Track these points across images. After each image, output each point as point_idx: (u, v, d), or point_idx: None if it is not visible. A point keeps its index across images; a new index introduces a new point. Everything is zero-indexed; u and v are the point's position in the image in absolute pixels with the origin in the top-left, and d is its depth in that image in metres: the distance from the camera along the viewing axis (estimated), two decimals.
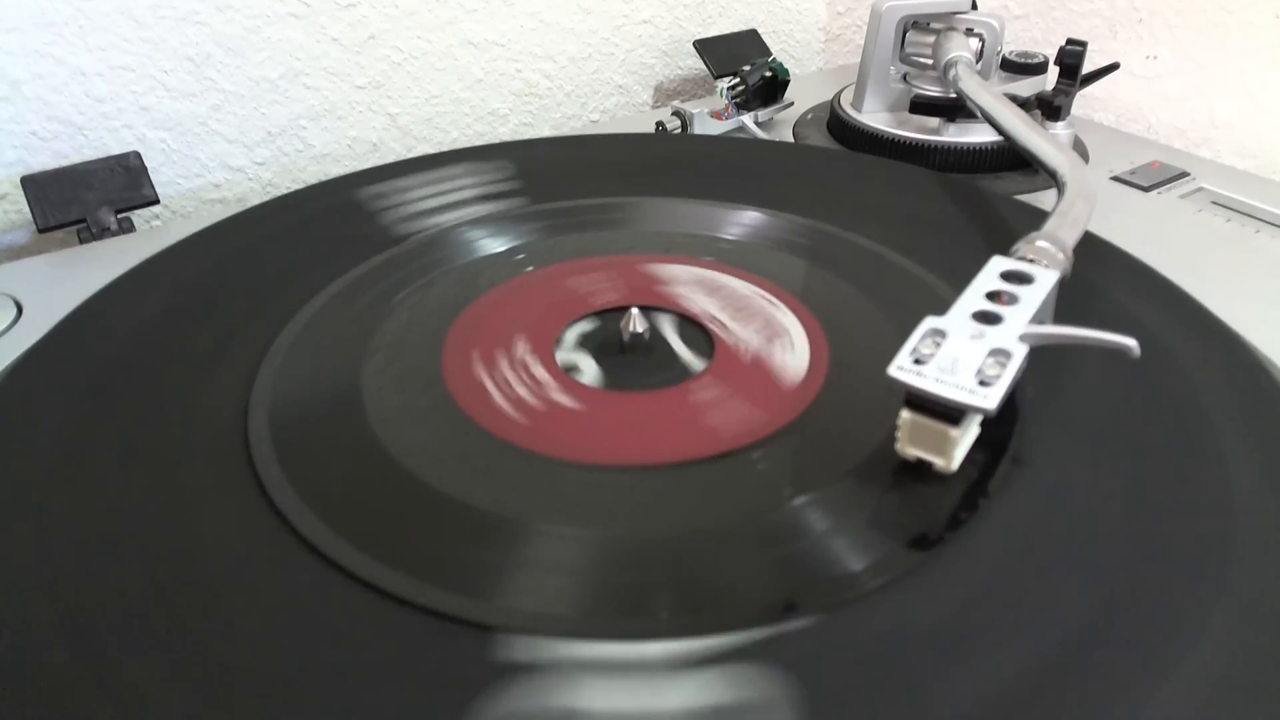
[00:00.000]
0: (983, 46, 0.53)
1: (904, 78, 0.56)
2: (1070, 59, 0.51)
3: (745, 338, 0.35)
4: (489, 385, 0.33)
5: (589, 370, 0.34)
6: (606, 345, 0.35)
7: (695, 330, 0.36)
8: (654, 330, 0.36)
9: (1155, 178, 0.52)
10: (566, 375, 0.33)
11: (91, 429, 0.30)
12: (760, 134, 0.58)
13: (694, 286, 0.38)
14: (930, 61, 0.54)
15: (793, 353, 0.34)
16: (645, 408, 0.32)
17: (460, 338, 0.35)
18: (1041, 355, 0.29)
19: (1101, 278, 0.38)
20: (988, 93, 0.47)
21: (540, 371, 0.33)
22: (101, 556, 0.26)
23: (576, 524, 0.27)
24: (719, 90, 0.59)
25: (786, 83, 0.61)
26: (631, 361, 0.34)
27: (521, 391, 0.32)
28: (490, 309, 0.37)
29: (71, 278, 0.42)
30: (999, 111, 0.46)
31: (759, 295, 0.38)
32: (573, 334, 0.36)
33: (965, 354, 0.27)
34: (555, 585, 0.25)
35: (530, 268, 0.40)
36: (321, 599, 0.24)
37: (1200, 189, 0.51)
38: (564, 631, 0.24)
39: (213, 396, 0.32)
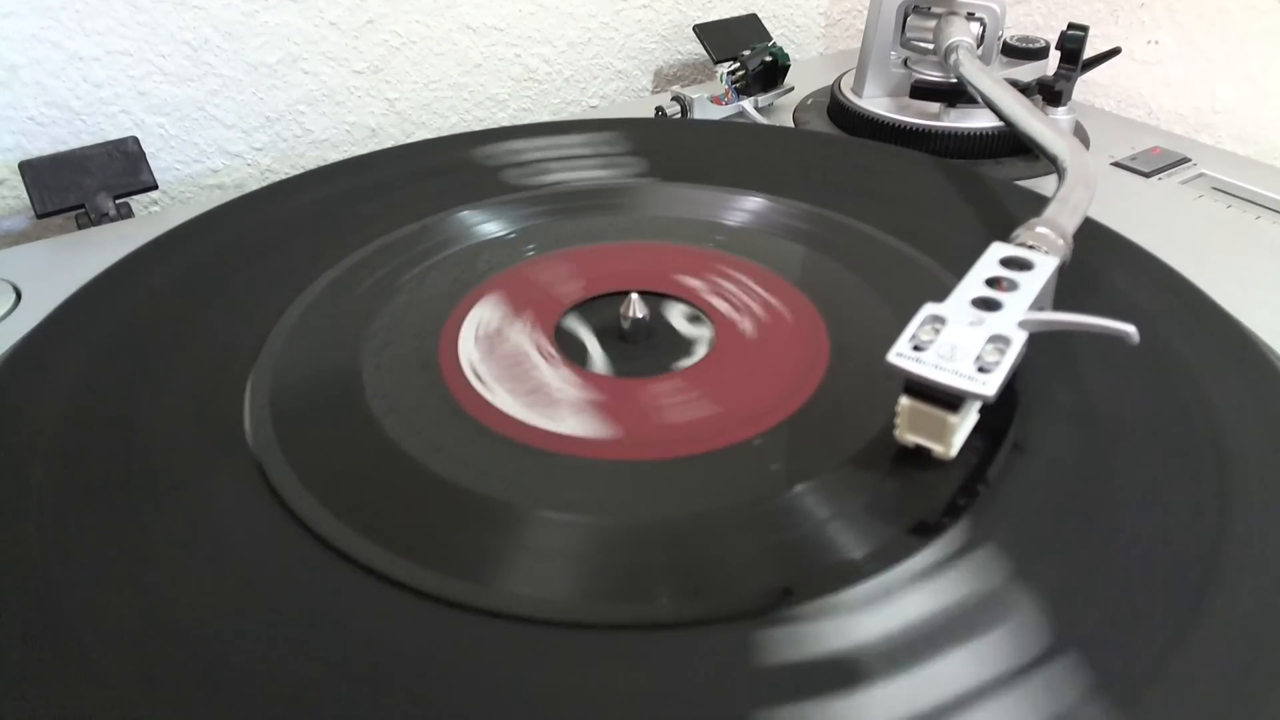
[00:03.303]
0: (984, 31, 0.52)
1: (905, 63, 0.56)
2: (1071, 44, 0.51)
3: (746, 324, 0.35)
4: (489, 371, 0.33)
5: (589, 356, 0.34)
6: (607, 330, 0.35)
7: (696, 315, 0.36)
8: (655, 315, 0.35)
9: (1156, 163, 0.52)
10: (566, 360, 0.33)
11: (90, 413, 0.30)
12: (760, 119, 0.58)
13: (695, 272, 0.38)
14: (931, 46, 0.54)
15: (793, 339, 0.34)
16: (646, 394, 0.32)
17: (459, 323, 0.35)
18: (1041, 341, 0.29)
19: (1102, 264, 0.38)
20: (988, 78, 0.47)
21: (539, 357, 0.33)
22: (99, 543, 0.26)
23: (576, 510, 0.27)
24: (719, 75, 0.59)
25: (787, 68, 0.61)
26: (632, 347, 0.34)
27: (520, 376, 0.32)
28: (489, 295, 0.37)
29: (70, 263, 0.42)
30: (1000, 97, 0.45)
31: (758, 280, 0.38)
32: (573, 319, 0.36)
33: (964, 340, 0.27)
34: (553, 570, 0.25)
35: (531, 252, 0.40)
36: (322, 583, 0.25)
37: (1201, 175, 0.51)
38: (561, 617, 0.24)
39: (211, 381, 0.32)
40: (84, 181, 0.48)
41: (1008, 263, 0.31)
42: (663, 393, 0.32)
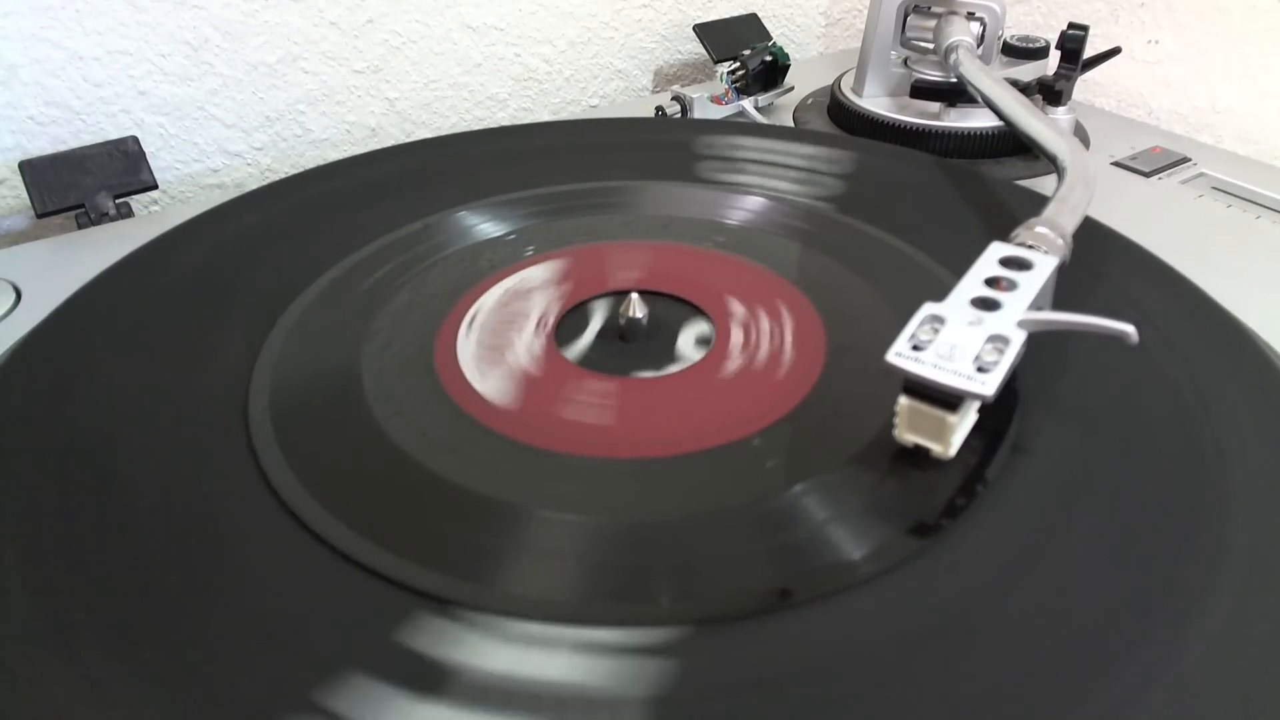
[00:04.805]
0: (984, 31, 0.52)
1: (905, 62, 0.56)
2: (1072, 44, 0.51)
3: (745, 324, 0.35)
4: (488, 370, 0.33)
5: (588, 355, 0.34)
6: (606, 330, 0.35)
7: (696, 315, 0.36)
8: (653, 315, 0.35)
9: (1156, 163, 0.52)
10: (565, 360, 0.33)
11: (90, 413, 0.30)
12: (760, 119, 0.58)
13: (694, 272, 0.38)
14: (931, 46, 0.54)
15: (793, 338, 0.34)
16: (645, 393, 0.32)
17: (459, 323, 0.35)
18: (1040, 341, 0.29)
19: (1101, 263, 0.38)
20: (988, 77, 0.47)
21: (539, 356, 0.33)
22: (100, 541, 0.26)
23: (574, 510, 0.27)
24: (719, 75, 0.59)
25: (787, 67, 0.61)
26: (631, 347, 0.34)
27: (520, 375, 0.32)
28: (490, 294, 0.37)
29: (70, 263, 0.42)
30: (1000, 96, 0.45)
31: (757, 280, 0.38)
32: (572, 319, 0.36)
33: (963, 340, 0.27)
34: (552, 570, 0.25)
35: (529, 252, 0.40)
36: (320, 581, 0.25)
37: (1201, 174, 0.51)
38: (560, 617, 0.24)
39: (211, 381, 0.32)
40: (84, 181, 0.48)
41: (1007, 262, 0.31)
42: (662, 393, 0.32)
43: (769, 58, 0.59)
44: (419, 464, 0.29)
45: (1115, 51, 0.53)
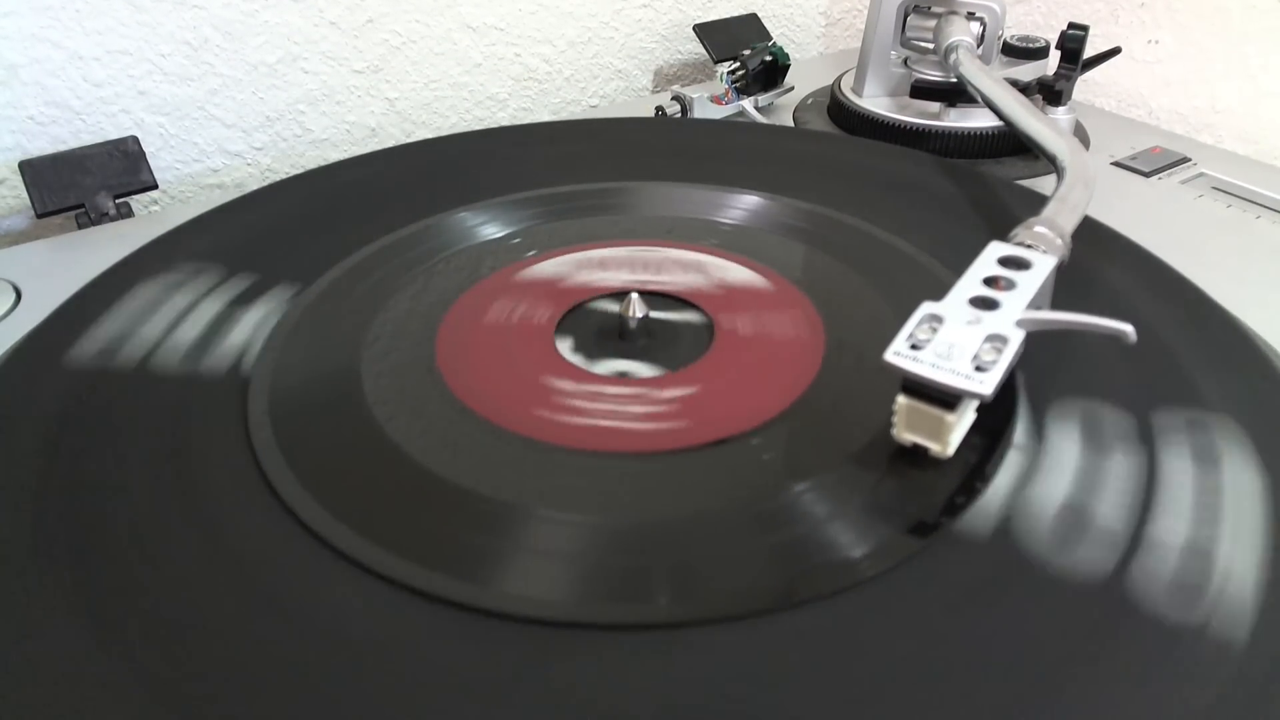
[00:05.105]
0: (984, 31, 0.52)
1: (905, 62, 0.56)
2: (1072, 43, 0.51)
3: (744, 322, 0.35)
4: (488, 370, 0.33)
5: (588, 355, 0.34)
6: (605, 330, 0.35)
7: (695, 315, 0.36)
8: (653, 315, 0.35)
9: (1156, 163, 0.52)
10: (565, 360, 0.33)
11: (90, 414, 0.30)
12: (760, 118, 0.58)
13: (694, 271, 0.38)
14: (931, 46, 0.54)
15: (792, 337, 0.34)
16: (644, 393, 0.32)
17: (459, 323, 0.35)
18: (1039, 341, 0.29)
19: (1101, 263, 0.38)
20: (988, 77, 0.47)
21: (539, 357, 0.33)
22: (100, 541, 0.26)
23: (574, 509, 0.27)
24: (719, 75, 0.59)
25: (787, 67, 0.61)
26: (630, 346, 0.34)
27: (520, 377, 0.32)
28: (490, 294, 0.37)
29: (70, 263, 0.42)
30: (999, 96, 0.45)
31: (758, 279, 0.38)
32: (572, 319, 0.36)
33: (962, 339, 0.27)
34: (552, 570, 0.25)
35: (530, 253, 0.40)
36: (321, 584, 0.25)
37: (1201, 174, 0.51)
38: (559, 617, 0.24)
39: (211, 381, 0.32)
40: (84, 181, 0.48)
41: (1006, 262, 0.31)
42: (661, 392, 0.32)
43: (769, 58, 0.59)
44: (419, 464, 0.29)
45: (1115, 51, 0.53)
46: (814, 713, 0.21)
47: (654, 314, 0.35)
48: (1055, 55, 0.53)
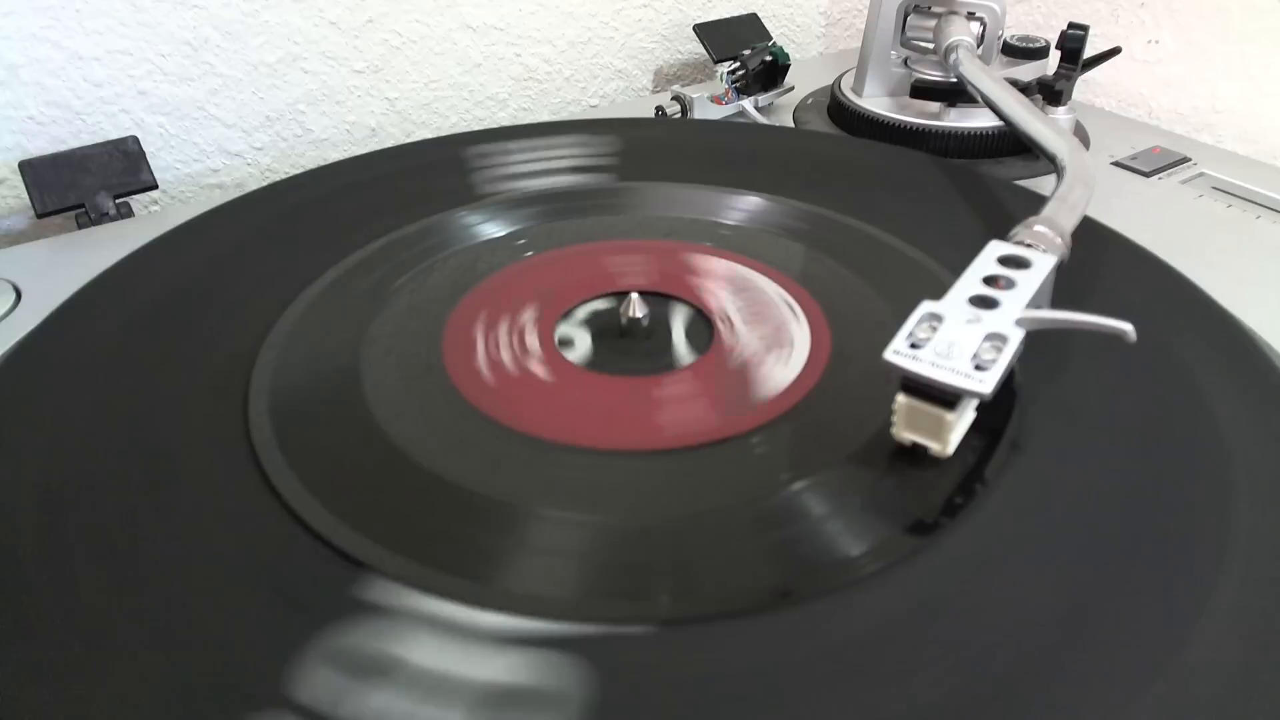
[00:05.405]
0: (984, 31, 0.52)
1: (905, 62, 0.56)
2: (1072, 43, 0.51)
3: (744, 321, 0.35)
4: (488, 370, 0.33)
5: (588, 355, 0.34)
6: (606, 329, 0.35)
7: (695, 314, 0.36)
8: (653, 315, 0.36)
9: (1156, 163, 0.52)
10: (565, 360, 0.33)
11: (90, 414, 0.31)
12: (760, 119, 0.58)
13: (694, 271, 0.38)
14: (931, 46, 0.54)
15: (792, 336, 0.34)
16: (645, 392, 0.32)
17: (460, 323, 0.35)
18: (1039, 340, 0.29)
19: (1101, 263, 0.38)
20: (988, 77, 0.47)
21: (539, 356, 0.33)
22: (100, 541, 0.26)
23: (575, 508, 0.27)
24: (719, 75, 0.59)
25: (787, 67, 0.61)
26: (631, 346, 0.35)
27: (520, 376, 0.32)
28: (490, 294, 0.37)
29: (70, 263, 0.42)
30: (999, 96, 0.45)
31: (758, 280, 0.38)
32: (572, 318, 0.36)
33: (961, 338, 0.27)
34: (553, 569, 0.25)
35: (530, 253, 0.40)
36: (322, 584, 0.25)
37: (1201, 174, 0.51)
38: (560, 615, 0.24)
39: (211, 381, 0.32)
40: (84, 181, 0.48)
41: (1005, 261, 0.31)
42: (662, 391, 0.32)
43: (769, 58, 0.59)
44: (419, 464, 0.29)
45: (1115, 51, 0.53)
46: (814, 711, 0.21)
47: (654, 314, 0.35)
48: (1055, 55, 0.53)
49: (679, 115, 0.58)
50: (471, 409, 0.31)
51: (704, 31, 0.66)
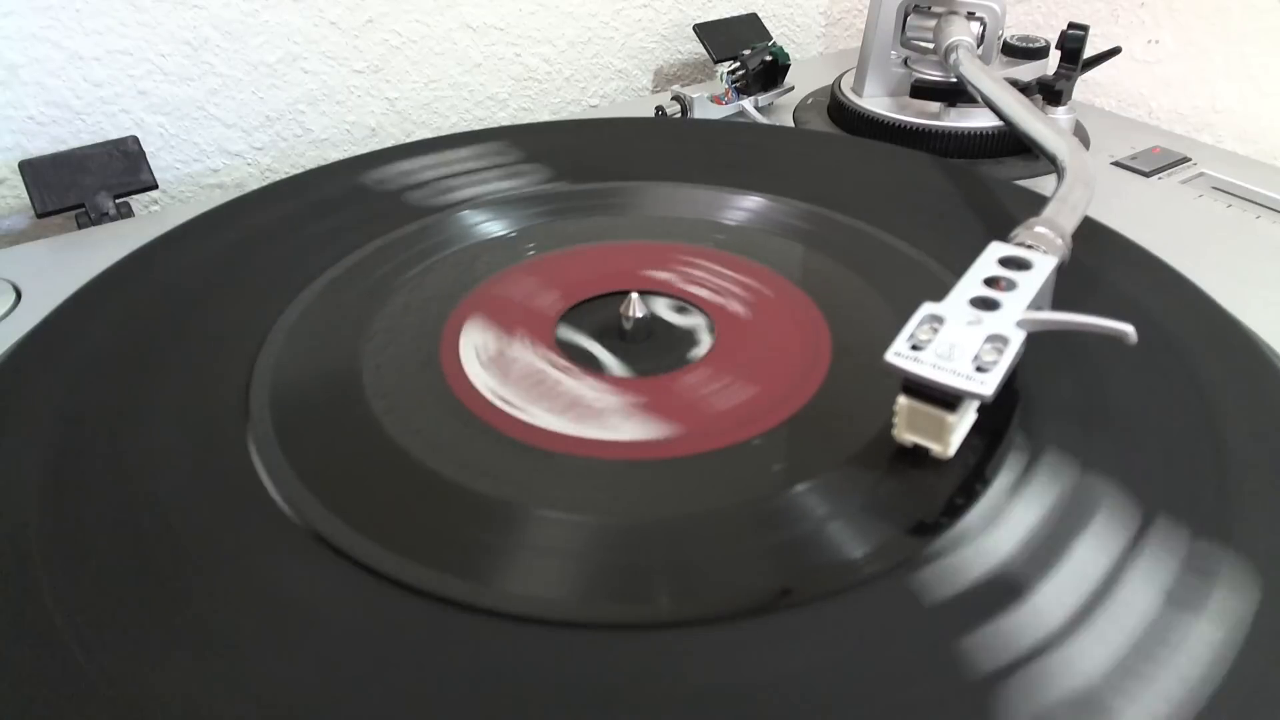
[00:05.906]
0: (984, 31, 0.52)
1: (905, 62, 0.56)
2: (1072, 43, 0.51)
3: (746, 324, 0.35)
4: (488, 369, 0.33)
5: (588, 356, 0.34)
6: (606, 330, 0.35)
7: (695, 315, 0.36)
8: (654, 315, 0.36)
9: (1156, 163, 0.52)
10: (565, 360, 0.33)
11: (90, 414, 0.30)
12: (760, 118, 0.58)
13: (694, 271, 0.38)
14: (931, 46, 0.54)
15: (791, 338, 0.34)
16: (645, 393, 0.32)
17: (460, 322, 0.35)
18: (1040, 341, 0.29)
19: (1101, 263, 0.38)
20: (988, 77, 0.47)
21: (539, 356, 0.33)
22: (100, 540, 0.26)
23: (575, 509, 0.27)
24: (719, 75, 0.59)
25: (787, 67, 0.61)
26: (631, 347, 0.34)
27: (521, 376, 0.32)
28: (490, 294, 0.37)
29: (70, 263, 0.42)
30: (999, 96, 0.45)
31: (758, 280, 0.38)
32: (573, 318, 0.36)
33: (962, 340, 0.27)
34: (552, 569, 0.25)
35: (531, 252, 0.40)
36: (319, 582, 0.25)
37: (1201, 174, 0.51)
38: (560, 615, 0.24)
39: (211, 381, 0.32)
40: (84, 181, 0.48)
41: (1006, 262, 0.31)
42: (663, 391, 0.32)
43: (769, 57, 0.59)
44: (419, 463, 0.29)
45: (1115, 51, 0.54)
46: (814, 712, 0.21)
47: (654, 314, 0.35)
48: (1055, 55, 0.53)
49: (679, 115, 0.58)
50: (471, 410, 0.31)
51: (704, 31, 0.66)
